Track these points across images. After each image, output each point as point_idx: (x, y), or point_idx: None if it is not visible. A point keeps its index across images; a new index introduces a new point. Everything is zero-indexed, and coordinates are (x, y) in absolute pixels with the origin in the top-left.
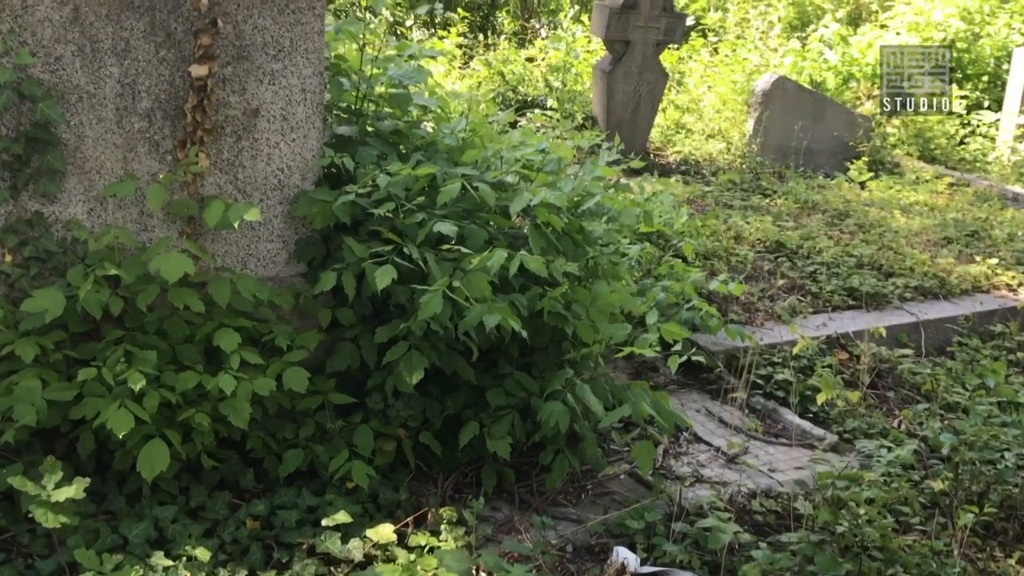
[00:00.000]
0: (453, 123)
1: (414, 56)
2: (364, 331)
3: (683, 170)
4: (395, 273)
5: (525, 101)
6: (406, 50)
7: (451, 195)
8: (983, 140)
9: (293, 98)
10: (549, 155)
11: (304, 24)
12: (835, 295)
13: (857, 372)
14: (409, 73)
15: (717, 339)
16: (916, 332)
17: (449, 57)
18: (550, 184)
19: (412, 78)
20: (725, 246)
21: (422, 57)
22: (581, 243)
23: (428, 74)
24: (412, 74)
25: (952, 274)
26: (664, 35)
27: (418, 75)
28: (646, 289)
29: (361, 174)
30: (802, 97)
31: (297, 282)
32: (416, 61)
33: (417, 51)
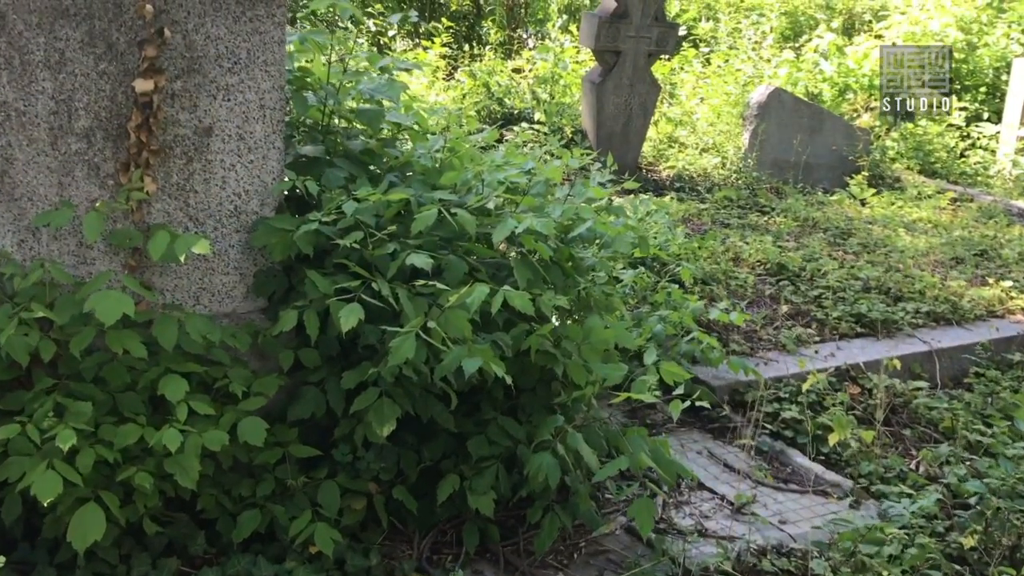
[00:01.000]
0: (430, 142)
1: (386, 69)
2: (331, 374)
3: (677, 186)
4: (362, 313)
5: (511, 114)
6: (378, 62)
7: (427, 223)
8: (983, 153)
9: (250, 115)
10: (536, 176)
11: (262, 33)
12: (842, 322)
13: (870, 407)
14: (381, 87)
15: (718, 372)
16: (929, 361)
17: (432, 68)
18: (537, 208)
19: (385, 92)
20: (724, 269)
21: (396, 70)
22: (571, 273)
23: (402, 88)
24: (385, 88)
25: (964, 298)
26: (656, 45)
27: (391, 89)
28: (641, 319)
29: (327, 199)
30: (799, 109)
31: (256, 318)
32: (389, 74)
33: (391, 63)
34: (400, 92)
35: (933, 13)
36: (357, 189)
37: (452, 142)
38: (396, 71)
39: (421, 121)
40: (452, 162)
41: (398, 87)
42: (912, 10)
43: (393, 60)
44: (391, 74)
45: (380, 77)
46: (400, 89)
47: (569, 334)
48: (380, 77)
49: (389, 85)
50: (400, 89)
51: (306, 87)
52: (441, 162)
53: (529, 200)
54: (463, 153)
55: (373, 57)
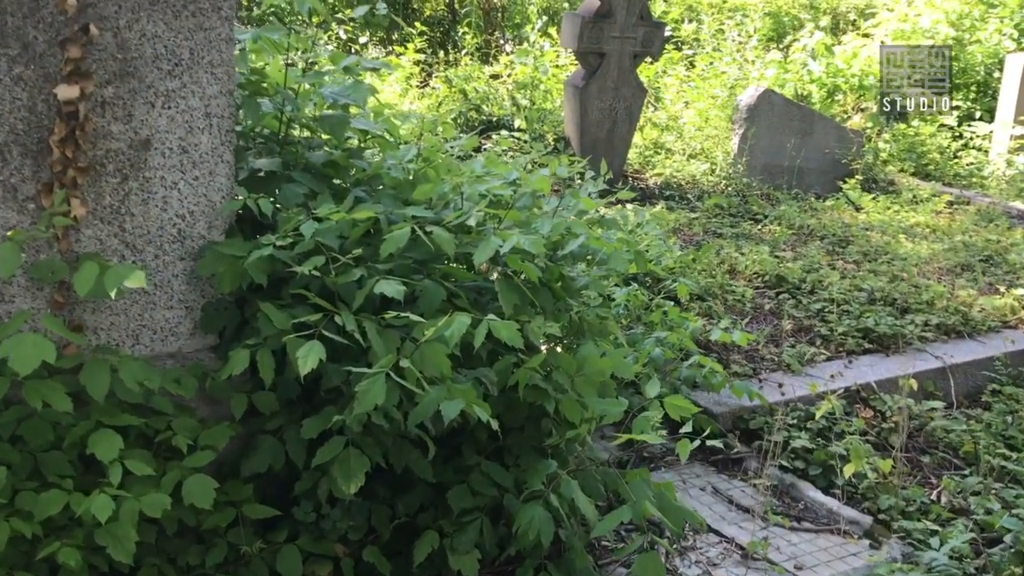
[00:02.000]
0: (401, 151)
1: (351, 69)
2: (290, 420)
3: (665, 194)
4: (324, 352)
5: (490, 122)
6: (341, 61)
7: (398, 244)
8: (977, 153)
9: (195, 125)
10: (521, 188)
11: (208, 30)
12: (849, 338)
13: (884, 432)
14: (346, 90)
15: (720, 398)
16: (943, 378)
17: (405, 75)
18: (523, 224)
19: (350, 96)
20: (720, 282)
21: (361, 71)
22: (562, 295)
23: (370, 91)
24: (349, 91)
25: (974, 308)
26: (642, 46)
27: (356, 92)
28: (637, 341)
29: (283, 219)
30: (789, 112)
31: (205, 358)
32: (355, 76)
33: (355, 62)
34: (367, 95)
35: (923, 9)
36: (318, 207)
37: (427, 151)
38: (362, 72)
39: (392, 128)
40: (427, 173)
41: (364, 90)
42: (901, 6)
43: (358, 58)
44: (356, 75)
45: (345, 79)
46: (367, 92)
47: (561, 365)
48: (345, 79)
49: (354, 88)
50: (367, 92)
51: (261, 92)
52: (415, 174)
53: (514, 214)
54: (439, 163)
55: (336, 56)
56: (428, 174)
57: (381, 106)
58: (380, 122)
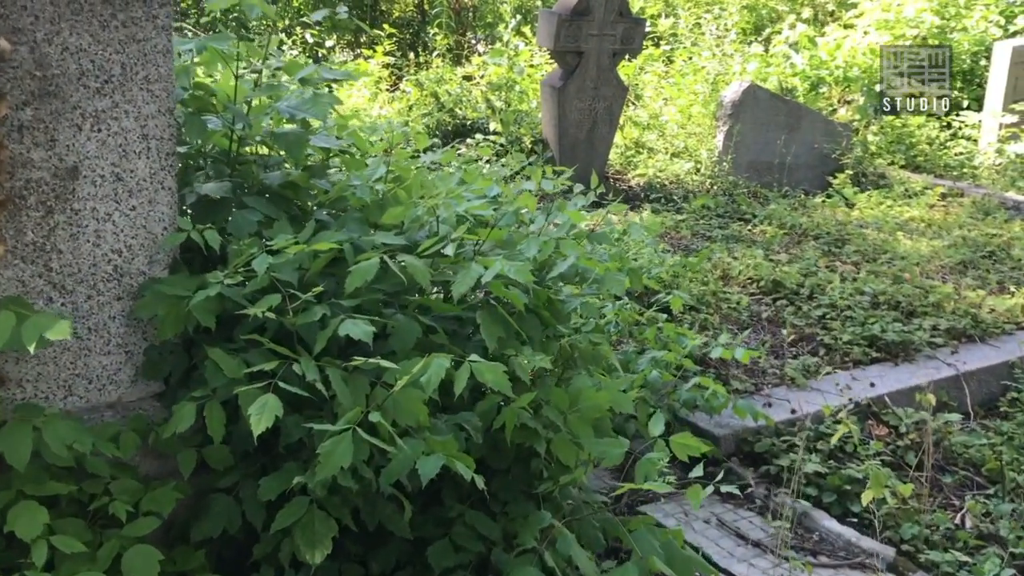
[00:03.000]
0: (368, 170)
1: (308, 80)
2: (247, 476)
3: (650, 196)
4: (280, 408)
5: (464, 126)
6: (298, 72)
7: (365, 277)
8: (966, 143)
9: (130, 148)
10: (504, 204)
11: (141, 41)
12: (854, 346)
13: (899, 450)
14: (303, 104)
15: (722, 419)
16: (956, 386)
17: (374, 79)
18: (507, 245)
19: (308, 110)
20: (713, 290)
21: (319, 81)
22: (551, 322)
23: (332, 103)
24: (307, 105)
25: (983, 308)
26: (621, 43)
27: (315, 105)
28: (631, 361)
29: (234, 252)
30: (775, 106)
31: (149, 408)
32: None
33: (314, 72)
34: (327, 108)
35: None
36: (274, 235)
37: (396, 167)
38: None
39: (359, 142)
40: (396, 195)
41: (324, 102)
42: None
43: (317, 68)
44: (315, 87)
45: (304, 91)
46: (327, 105)
47: (553, 400)
48: (304, 91)
49: (312, 101)
50: (327, 105)
51: (207, 109)
52: (384, 194)
53: (497, 234)
54: (410, 181)
55: (291, 66)
56: (397, 195)
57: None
58: (345, 136)
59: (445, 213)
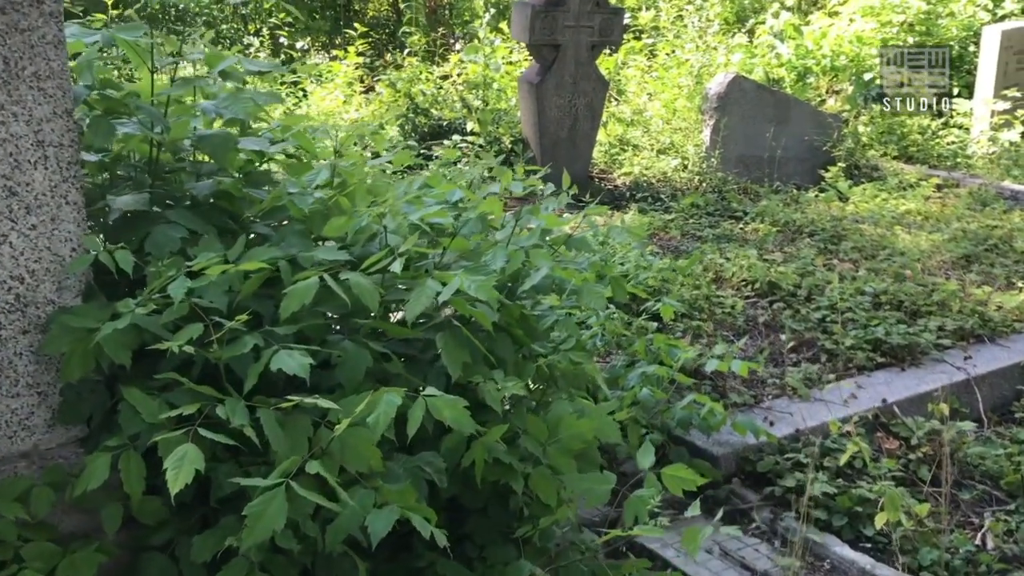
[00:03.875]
0: (309, 174)
1: (228, 74)
2: (184, 531)
3: (636, 196)
4: (201, 461)
5: (440, 127)
6: (218, 64)
7: (302, 299)
8: (958, 131)
9: (23, 158)
10: (467, 211)
11: (26, 32)
12: (858, 351)
13: (911, 464)
14: (224, 103)
15: (721, 436)
16: (967, 391)
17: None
18: (471, 255)
19: (228, 108)
20: (706, 294)
21: (242, 75)
22: (525, 340)
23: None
24: (227, 103)
25: (990, 306)
26: (599, 35)
27: (235, 104)
28: (619, 376)
29: (153, 274)
30: (762, 98)
31: (71, 455)
32: (238, 83)
33: (235, 65)
34: (250, 108)
35: None
36: (200, 253)
37: (346, 172)
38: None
39: (306, 145)
40: (339, 203)
41: (245, 101)
42: None
43: (240, 60)
44: (239, 82)
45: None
46: (250, 104)
47: (529, 430)
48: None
49: (232, 99)
50: (250, 104)
51: (119, 110)
52: (327, 203)
53: (460, 243)
54: (354, 187)
55: (211, 58)
56: (340, 203)
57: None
58: (290, 137)
59: (393, 223)
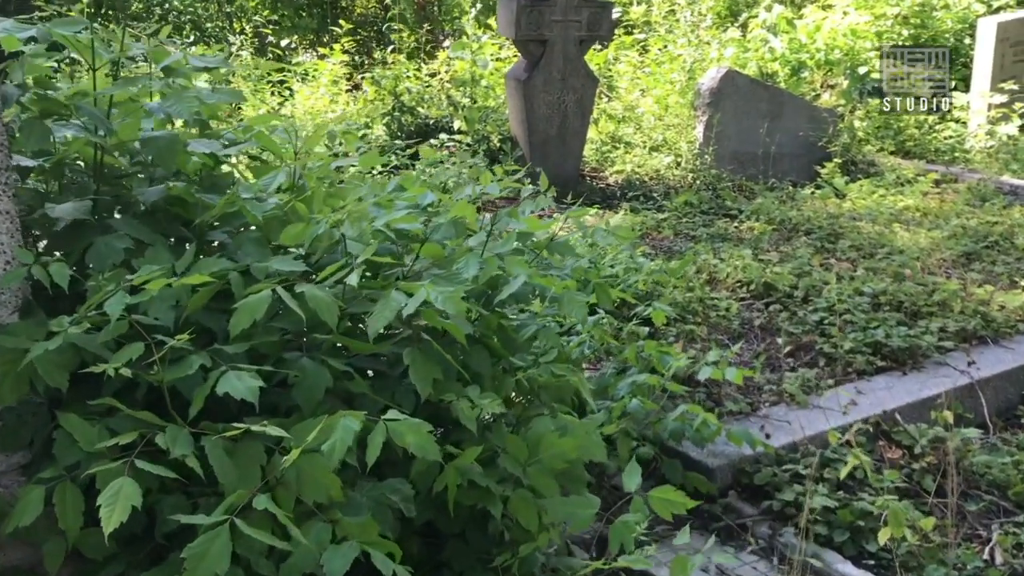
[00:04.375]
0: (266, 178)
1: (172, 70)
2: (134, 565)
3: (628, 195)
4: (138, 497)
5: (427, 125)
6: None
7: (254, 315)
8: (955, 125)
9: None
10: (439, 216)
11: None
12: (857, 355)
13: (915, 474)
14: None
15: (715, 447)
16: (971, 395)
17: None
18: (444, 263)
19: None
20: (699, 296)
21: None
22: (503, 353)
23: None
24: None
25: (993, 306)
26: (587, 29)
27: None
28: (608, 385)
29: (94, 289)
30: (756, 93)
31: (13, 484)
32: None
33: (180, 61)
34: (194, 107)
35: None
36: (143, 266)
37: (309, 174)
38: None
39: (268, 146)
40: (296, 209)
41: (189, 101)
42: None
43: (185, 55)
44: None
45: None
46: (195, 103)
47: (508, 449)
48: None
49: (176, 99)
50: (195, 103)
51: (58, 111)
52: (286, 209)
53: (432, 250)
54: (313, 191)
55: (158, 53)
56: (296, 209)
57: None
58: (249, 138)
59: (352, 230)
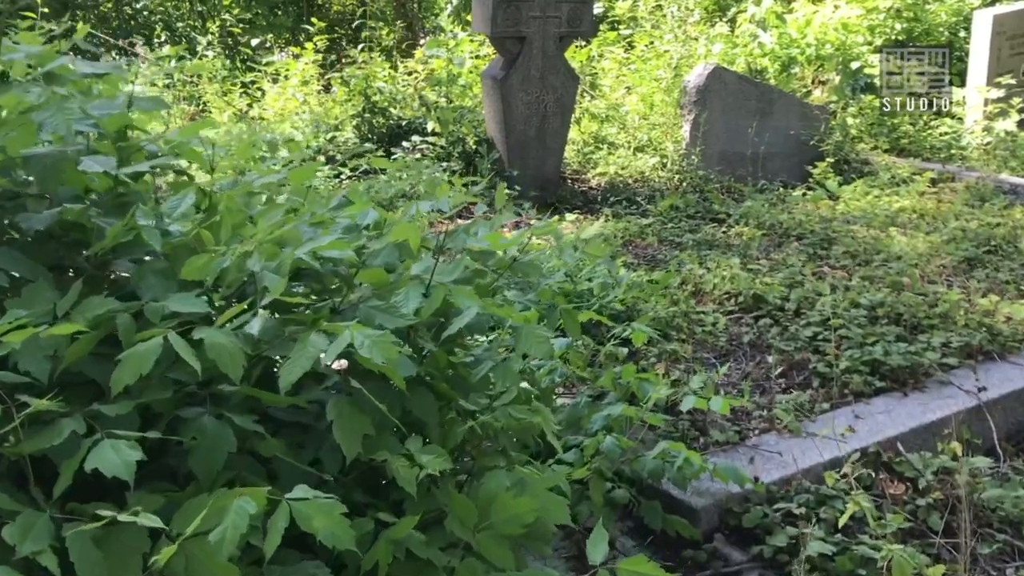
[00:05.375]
0: (172, 201)
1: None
2: None
3: (610, 199)
4: None
5: (399, 127)
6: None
7: (140, 368)
8: (951, 121)
9: None
10: (380, 239)
11: None
12: (854, 375)
13: (920, 511)
14: (52, 113)
15: (700, 483)
16: (978, 418)
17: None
18: (382, 293)
19: (50, 120)
20: (684, 310)
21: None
22: (453, 395)
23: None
24: (55, 115)
25: (998, 317)
26: (567, 25)
27: (58, 113)
28: (580, 416)
29: None
30: (745, 90)
31: None
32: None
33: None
34: (71, 120)
35: None
36: (16, 306)
37: (222, 197)
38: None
39: (195, 160)
40: (200, 235)
41: (68, 112)
42: None
43: (73, 59)
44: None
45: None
46: (75, 114)
47: (454, 511)
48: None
49: (56, 109)
50: (75, 114)
51: None
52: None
53: (374, 275)
54: (222, 214)
55: (44, 57)
56: (203, 236)
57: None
58: (170, 151)
59: (258, 265)
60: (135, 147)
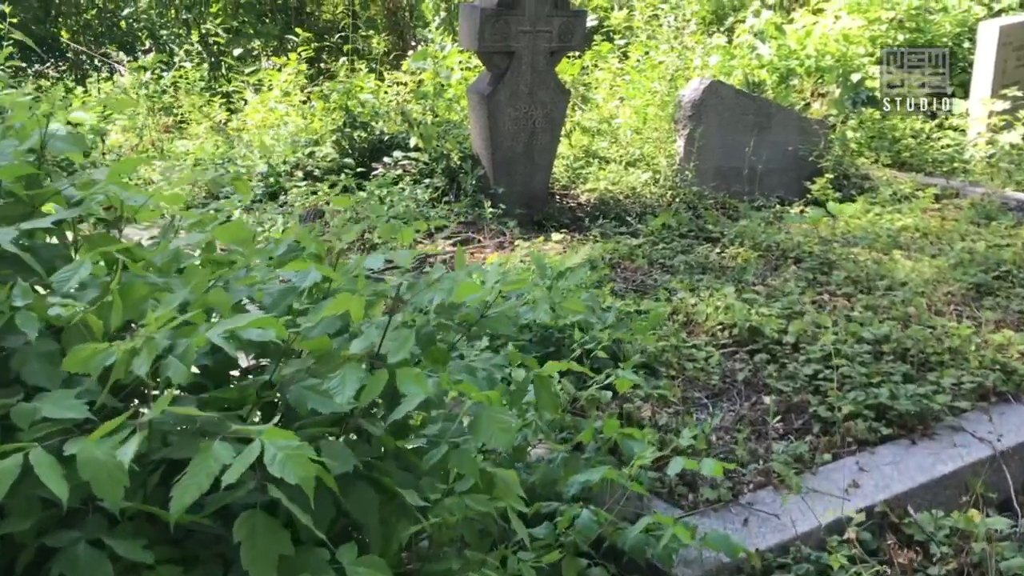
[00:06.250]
0: (64, 271)
1: None
2: None
3: (600, 218)
4: None
5: (380, 142)
6: None
7: None
8: (954, 134)
9: None
10: (317, 308)
11: None
12: (858, 420)
13: None
14: None
15: (687, 552)
16: (993, 469)
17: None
18: (318, 370)
19: None
20: (675, 344)
21: None
22: (397, 492)
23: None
24: None
25: (1013, 353)
26: (558, 40)
27: None
28: (556, 479)
29: None
30: (742, 104)
31: None
32: None
33: None
34: None
35: None
36: None
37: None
38: None
39: (115, 203)
40: (87, 320)
41: None
42: None
43: None
44: None
45: None
46: None
47: None
48: None
49: None
50: None
51: None
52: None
53: (316, 344)
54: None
55: None
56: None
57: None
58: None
59: (143, 368)
60: (49, 193)
